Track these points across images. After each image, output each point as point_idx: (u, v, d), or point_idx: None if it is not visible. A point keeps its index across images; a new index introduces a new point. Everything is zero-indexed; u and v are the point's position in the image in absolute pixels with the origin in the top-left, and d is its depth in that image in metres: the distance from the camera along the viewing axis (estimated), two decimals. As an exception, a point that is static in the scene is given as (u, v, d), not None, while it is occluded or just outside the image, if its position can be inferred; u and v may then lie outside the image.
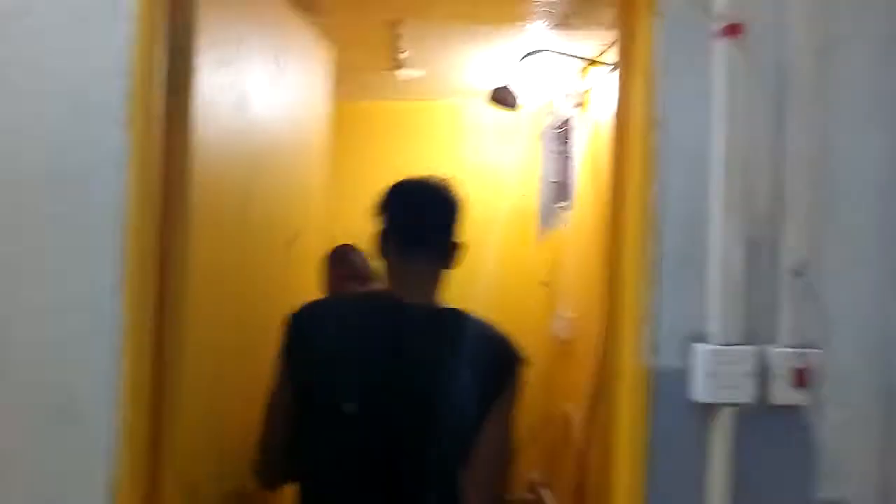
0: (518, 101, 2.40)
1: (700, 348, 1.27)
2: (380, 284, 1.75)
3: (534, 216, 3.27)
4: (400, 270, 1.51)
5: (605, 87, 2.45)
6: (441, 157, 3.26)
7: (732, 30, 1.29)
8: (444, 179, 1.56)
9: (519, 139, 3.27)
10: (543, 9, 2.00)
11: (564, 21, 2.07)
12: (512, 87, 2.33)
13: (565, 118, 2.95)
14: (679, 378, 1.28)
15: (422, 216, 1.52)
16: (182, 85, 1.30)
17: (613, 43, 2.33)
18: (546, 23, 2.12)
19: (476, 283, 3.20)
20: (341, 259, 2.51)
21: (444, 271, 1.53)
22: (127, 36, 1.21)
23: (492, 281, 3.20)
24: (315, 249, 2.15)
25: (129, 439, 1.19)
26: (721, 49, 1.30)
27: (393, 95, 3.19)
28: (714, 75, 1.31)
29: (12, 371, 1.19)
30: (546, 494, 2.92)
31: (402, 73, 2.83)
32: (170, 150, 1.29)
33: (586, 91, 2.65)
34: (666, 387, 1.28)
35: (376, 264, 1.75)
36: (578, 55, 2.42)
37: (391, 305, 1.47)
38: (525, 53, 2.30)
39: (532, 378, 3.24)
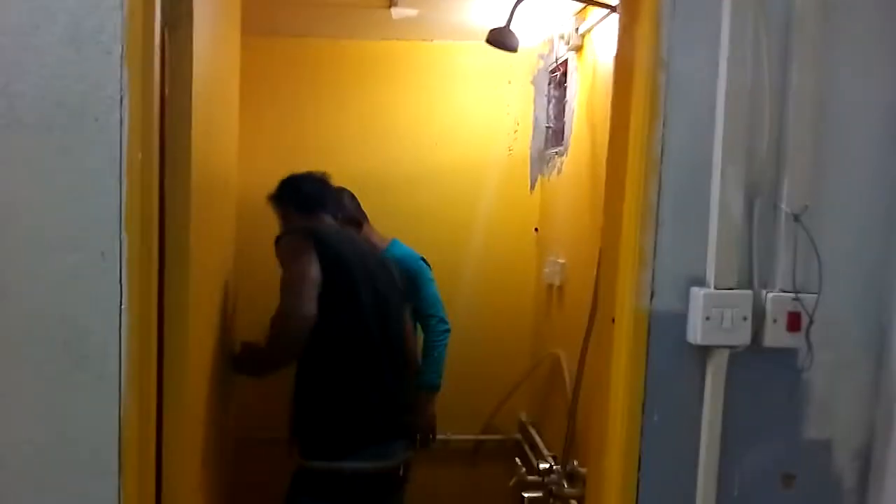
0: (518, 42, 2.36)
1: (697, 292, 1.29)
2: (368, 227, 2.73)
3: (526, 162, 3.25)
4: (325, 219, 2.41)
5: (605, 29, 2.42)
6: (432, 98, 3.21)
7: (741, -29, 1.27)
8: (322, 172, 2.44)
9: (510, 82, 3.23)
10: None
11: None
12: (512, 29, 2.29)
13: (561, 61, 2.91)
14: (677, 321, 1.30)
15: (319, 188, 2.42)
16: (181, 18, 1.27)
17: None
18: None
19: (469, 229, 3.23)
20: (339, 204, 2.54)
21: None
22: (122, -35, 1.17)
23: (484, 226, 3.21)
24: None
25: (136, 374, 1.20)
26: (729, -7, 1.28)
27: (386, 35, 3.13)
28: (720, 18, 1.29)
29: (19, 306, 1.19)
30: (535, 434, 2.99)
31: (396, 12, 2.77)
32: (171, 83, 1.27)
33: (584, 34, 2.60)
34: (663, 329, 1.30)
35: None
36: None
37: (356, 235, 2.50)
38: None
39: (523, 323, 3.31)
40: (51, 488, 1.20)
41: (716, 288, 1.28)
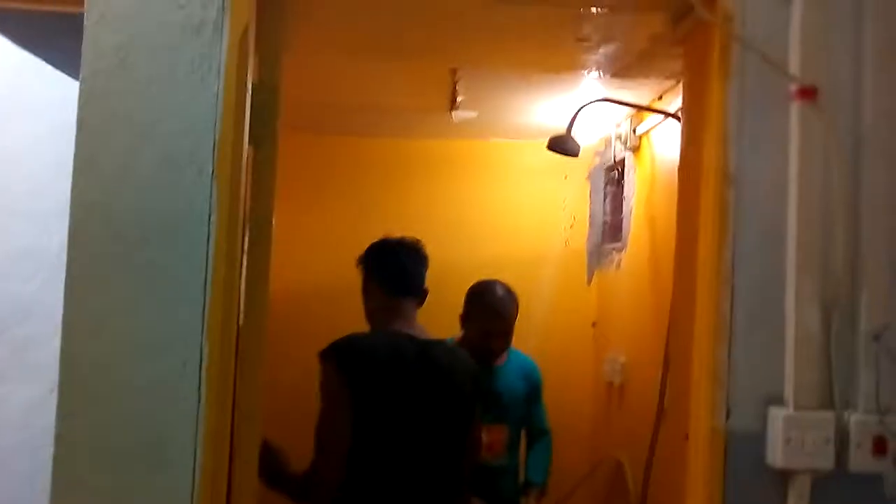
0: (579, 148, 2.42)
1: (776, 412, 1.25)
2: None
3: (582, 256, 3.26)
4: (391, 312, 1.99)
5: (663, 131, 2.46)
6: (488, 193, 3.28)
7: (807, 92, 1.29)
8: (416, 240, 2.13)
9: (566, 178, 3.28)
10: (603, 59, 2.01)
11: (624, 71, 2.08)
12: (573, 136, 2.35)
13: (618, 159, 2.95)
14: (754, 441, 1.26)
15: (412, 270, 2.05)
16: (267, 137, 1.35)
17: (671, 90, 2.34)
18: (604, 73, 2.14)
19: (525, 323, 3.22)
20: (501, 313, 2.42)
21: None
22: (216, 93, 1.26)
23: (541, 321, 3.20)
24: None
25: (209, 481, 1.22)
26: (796, 110, 1.30)
27: (444, 134, 3.23)
28: (788, 136, 1.31)
29: (105, 410, 1.23)
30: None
31: (457, 115, 2.87)
32: (254, 199, 1.33)
33: (642, 135, 2.65)
34: (741, 450, 1.26)
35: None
36: (634, 103, 2.43)
37: (411, 341, 1.94)
38: (585, 103, 2.32)
39: (580, 421, 3.22)
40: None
41: (795, 408, 1.25)
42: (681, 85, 2.22)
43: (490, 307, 2.44)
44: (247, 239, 1.38)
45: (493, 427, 2.40)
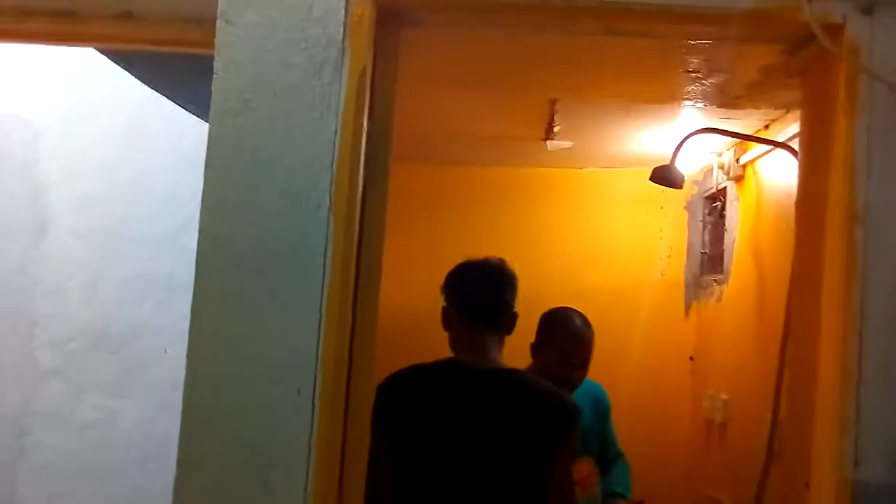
0: (683, 179, 2.37)
1: (911, 464, 1.17)
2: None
3: (680, 288, 3.17)
4: (464, 340, 1.80)
5: (770, 162, 2.38)
6: (583, 222, 3.25)
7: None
8: (499, 260, 1.91)
9: (662, 208, 3.22)
10: (710, 90, 1.97)
11: (731, 102, 2.03)
12: (677, 167, 2.30)
13: (719, 188, 2.87)
14: (886, 493, 1.19)
15: (482, 293, 1.84)
16: (379, 173, 1.39)
17: (779, 119, 2.26)
18: (709, 104, 2.09)
19: (622, 356, 3.15)
20: (583, 340, 2.27)
21: (503, 338, 1.83)
22: (334, 131, 1.31)
23: (637, 354, 3.12)
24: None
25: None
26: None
27: (539, 163, 3.23)
28: (922, 171, 1.24)
29: (220, 433, 1.28)
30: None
31: (552, 144, 2.87)
32: (367, 232, 1.37)
33: (746, 164, 2.57)
34: (870, 502, 1.19)
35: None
36: (742, 133, 2.37)
37: (462, 371, 1.74)
38: (689, 133, 2.27)
39: (676, 459, 3.12)
40: None
41: (932, 460, 1.16)
42: (789, 114, 2.16)
43: (572, 334, 2.26)
44: (360, 272, 1.41)
45: (581, 461, 2.23)
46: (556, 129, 2.67)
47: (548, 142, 2.84)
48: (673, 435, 3.06)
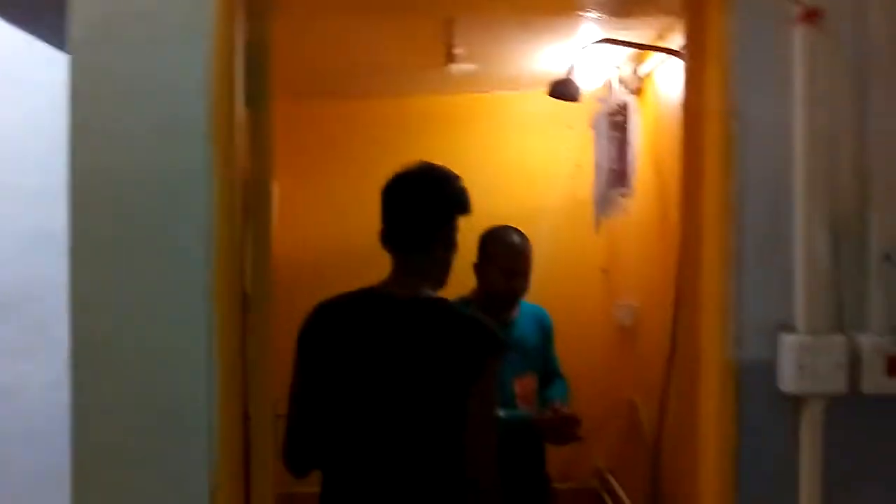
0: (580, 92, 2.38)
1: (787, 339, 1.25)
2: None
3: (590, 205, 3.24)
4: (392, 265, 1.62)
5: (665, 71, 2.42)
6: (492, 147, 3.26)
7: (810, 15, 1.26)
8: (443, 170, 1.65)
9: (570, 127, 3.25)
10: (601, -1, 1.97)
11: (623, 10, 2.04)
12: (574, 79, 2.31)
13: (621, 104, 2.91)
14: (766, 369, 1.27)
15: (413, 210, 1.59)
16: (262, 97, 1.34)
17: (672, 28, 2.29)
18: (603, 12, 2.09)
19: (538, 274, 3.20)
20: (522, 252, 2.36)
21: (441, 262, 1.64)
22: (205, 54, 1.24)
23: (550, 270, 3.19)
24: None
25: (225, 444, 1.24)
26: (799, 35, 1.27)
27: (444, 90, 3.20)
28: (792, 61, 1.28)
29: (118, 381, 1.25)
30: (615, 483, 2.91)
31: (455, 68, 2.83)
32: (253, 159, 1.33)
33: (644, 77, 2.61)
34: (752, 379, 1.27)
35: None
36: (635, 42, 2.39)
37: (383, 301, 1.59)
38: (585, 44, 2.28)
39: (593, 365, 3.24)
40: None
41: (806, 333, 1.24)
42: (682, 21, 2.18)
43: (509, 246, 2.39)
44: (248, 200, 1.37)
45: (524, 378, 2.37)
46: (456, 52, 2.63)
47: (451, 66, 2.80)
48: (590, 344, 3.17)
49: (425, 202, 1.61)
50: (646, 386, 2.48)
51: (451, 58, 2.71)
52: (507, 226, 2.48)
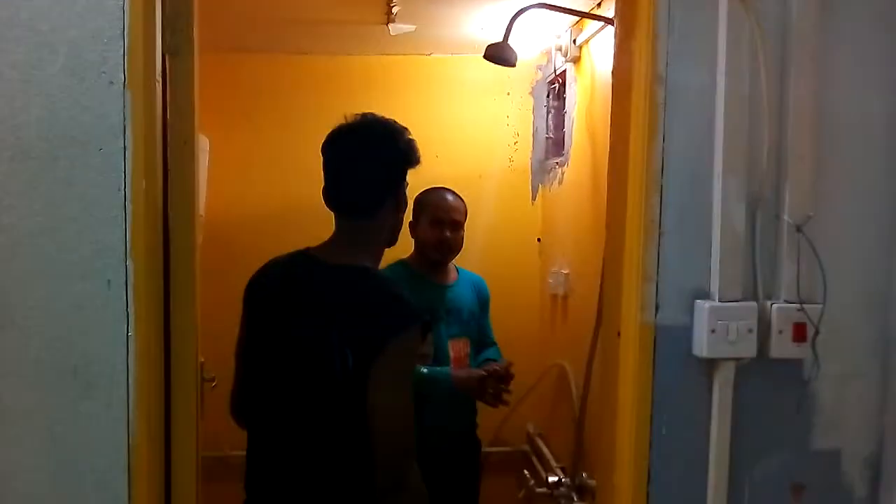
0: (517, 57, 2.37)
1: (702, 305, 1.29)
2: None
3: (527, 172, 3.26)
4: (339, 227, 1.59)
5: (602, 40, 2.43)
6: (431, 112, 3.22)
7: (737, -15, 1.28)
8: (390, 122, 1.61)
9: (509, 94, 3.24)
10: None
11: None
12: (510, 44, 2.30)
13: (559, 72, 2.92)
14: (682, 334, 1.31)
15: (360, 169, 1.53)
16: (182, 45, 1.28)
17: (610, -4, 2.30)
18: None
19: (474, 242, 3.22)
20: (453, 204, 2.50)
21: (390, 225, 1.61)
22: (122, -6, 1.18)
23: (486, 238, 3.21)
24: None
25: (144, 400, 1.21)
26: (724, 6, 1.29)
27: (384, 50, 3.14)
28: (717, 32, 1.30)
29: (26, 335, 1.19)
30: (543, 446, 2.98)
31: (394, 28, 2.78)
32: (173, 110, 1.28)
33: (582, 45, 2.62)
34: (669, 343, 1.31)
35: None
36: (573, 9, 2.39)
37: (313, 264, 1.56)
38: (520, 9, 2.26)
39: (528, 333, 3.30)
40: (60, 517, 1.21)
41: (720, 300, 1.29)
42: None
43: (442, 199, 2.51)
44: (169, 154, 1.32)
45: (458, 341, 2.49)
46: (395, 11, 2.58)
47: (389, 25, 2.75)
48: (525, 312, 3.22)
49: (373, 160, 1.53)
50: (575, 352, 2.54)
51: (390, 17, 2.66)
52: (442, 187, 2.59)
